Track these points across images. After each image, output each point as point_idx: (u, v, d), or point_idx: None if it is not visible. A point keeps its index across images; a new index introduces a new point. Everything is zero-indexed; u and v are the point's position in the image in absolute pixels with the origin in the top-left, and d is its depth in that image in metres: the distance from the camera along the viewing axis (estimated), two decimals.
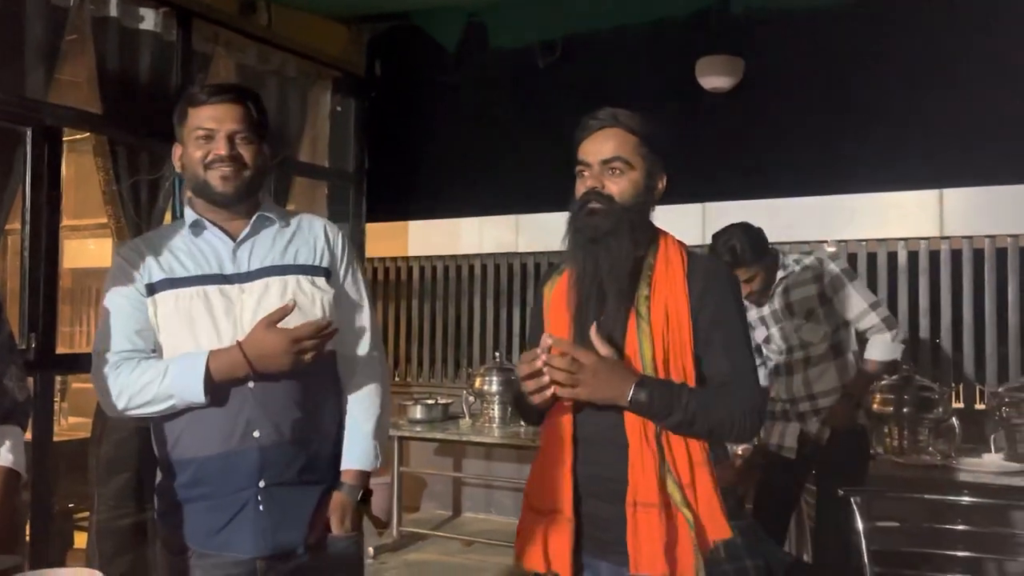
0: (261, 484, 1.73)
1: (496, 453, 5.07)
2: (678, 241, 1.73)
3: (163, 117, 3.68)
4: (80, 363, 3.60)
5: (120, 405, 1.73)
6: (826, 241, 4.29)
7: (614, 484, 1.61)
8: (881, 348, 3.07)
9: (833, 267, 3.07)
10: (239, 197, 1.80)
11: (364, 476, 1.86)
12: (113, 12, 3.50)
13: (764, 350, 3.28)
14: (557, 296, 1.75)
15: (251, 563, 1.74)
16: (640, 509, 1.58)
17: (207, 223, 1.82)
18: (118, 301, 1.78)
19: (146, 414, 1.75)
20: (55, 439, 3.36)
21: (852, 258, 4.29)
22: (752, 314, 3.22)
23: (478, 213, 5.34)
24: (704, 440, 1.63)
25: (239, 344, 1.70)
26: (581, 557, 1.65)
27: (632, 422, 1.61)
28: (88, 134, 3.68)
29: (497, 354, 4.82)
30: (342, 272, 1.89)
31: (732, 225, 3.05)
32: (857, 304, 3.05)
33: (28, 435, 2.99)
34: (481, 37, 4.64)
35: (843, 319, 3.10)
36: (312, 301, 1.80)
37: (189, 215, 1.85)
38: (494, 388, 4.50)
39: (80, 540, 3.77)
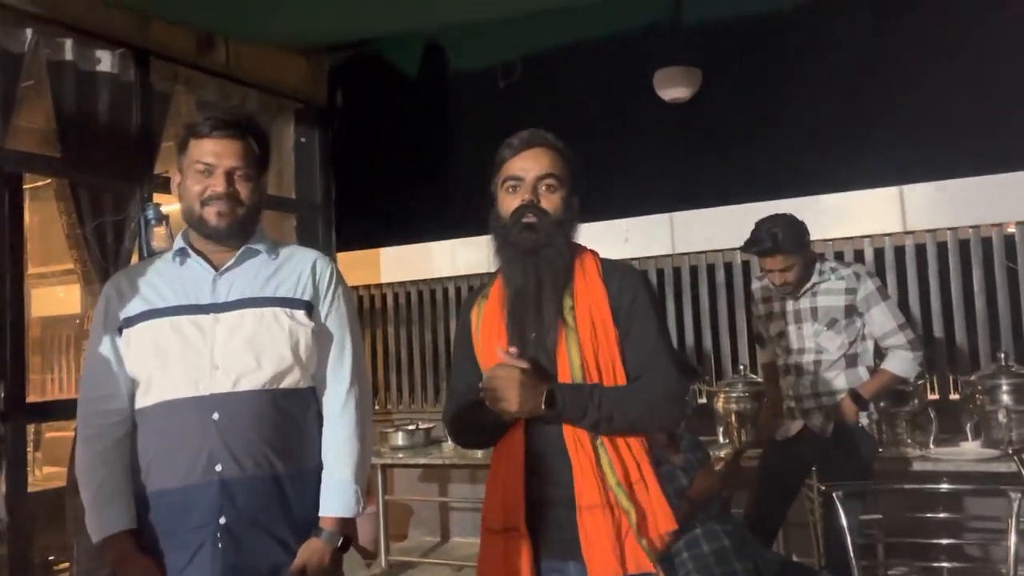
0: (222, 521, 1.68)
1: (481, 475, 5.04)
2: (591, 251, 1.83)
3: (124, 158, 3.70)
4: (53, 411, 3.56)
5: None
6: None
7: (566, 491, 1.67)
8: (901, 364, 3.12)
9: (870, 284, 3.14)
10: (231, 233, 1.79)
11: (344, 523, 1.80)
12: (69, 56, 3.48)
13: (776, 346, 3.31)
14: (488, 315, 1.80)
15: None
16: (586, 512, 1.65)
17: (191, 252, 1.81)
18: (93, 348, 1.78)
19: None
20: (30, 489, 3.30)
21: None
22: (776, 306, 3.27)
23: (449, 235, 5.34)
24: (629, 433, 1.70)
25: None
26: (540, 567, 1.68)
27: (568, 431, 1.69)
28: (49, 180, 3.65)
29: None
30: (325, 307, 1.85)
31: (776, 214, 3.14)
32: (887, 323, 3.11)
33: (2, 487, 2.95)
34: (441, 61, 4.68)
35: (862, 333, 3.15)
36: (288, 335, 1.77)
37: (177, 242, 1.84)
38: None
39: None
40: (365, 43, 4.78)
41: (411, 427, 4.72)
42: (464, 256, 5.38)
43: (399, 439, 4.64)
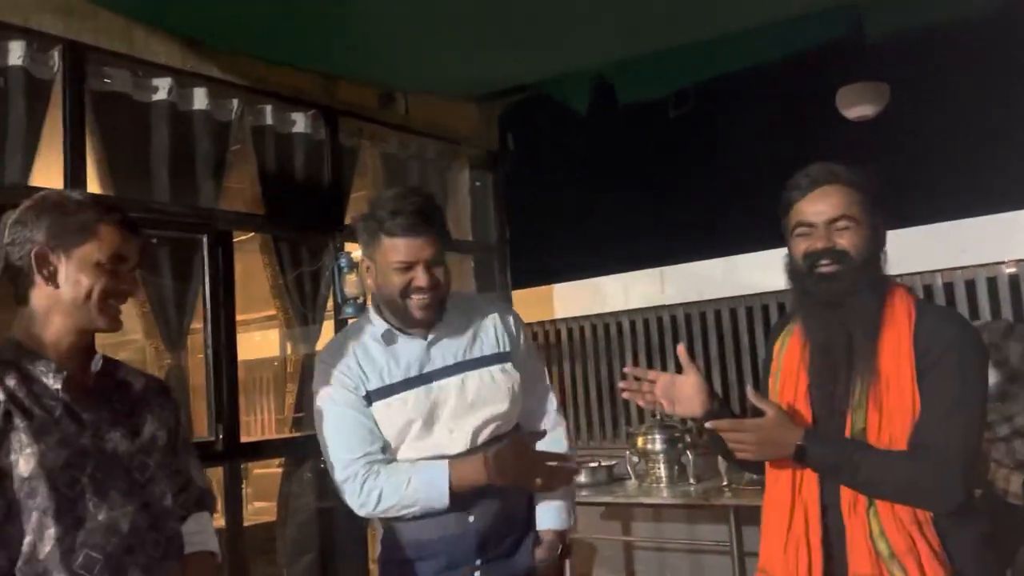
0: (478, 562, 1.85)
1: (665, 514, 4.91)
2: (906, 293, 1.62)
3: (318, 211, 3.95)
4: (261, 450, 3.81)
5: (367, 511, 1.86)
6: (1004, 262, 3.96)
7: (843, 552, 1.57)
8: None
9: None
10: (437, 317, 1.91)
11: (561, 534, 1.97)
12: (269, 120, 3.77)
13: None
14: (790, 356, 1.70)
15: None
16: None
17: (397, 334, 1.92)
18: (343, 411, 1.87)
19: (390, 516, 1.87)
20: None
21: None
22: None
23: (621, 269, 5.32)
24: (894, 502, 1.52)
25: (486, 459, 1.80)
26: None
27: (845, 491, 1.55)
28: (253, 234, 3.95)
29: (658, 411, 4.71)
30: (522, 353, 1.99)
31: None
32: None
33: (221, 522, 3.18)
34: (609, 96, 4.68)
35: None
36: (505, 391, 1.90)
37: (379, 324, 1.94)
38: (658, 447, 4.38)
39: None
40: (533, 86, 4.88)
41: (593, 464, 4.68)
42: (637, 289, 5.32)
43: (581, 476, 4.61)
